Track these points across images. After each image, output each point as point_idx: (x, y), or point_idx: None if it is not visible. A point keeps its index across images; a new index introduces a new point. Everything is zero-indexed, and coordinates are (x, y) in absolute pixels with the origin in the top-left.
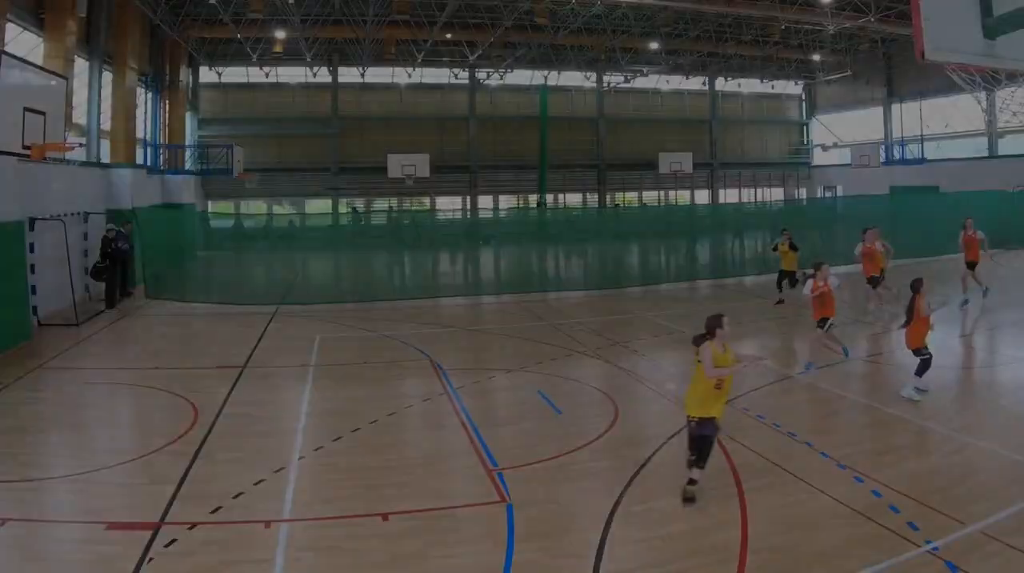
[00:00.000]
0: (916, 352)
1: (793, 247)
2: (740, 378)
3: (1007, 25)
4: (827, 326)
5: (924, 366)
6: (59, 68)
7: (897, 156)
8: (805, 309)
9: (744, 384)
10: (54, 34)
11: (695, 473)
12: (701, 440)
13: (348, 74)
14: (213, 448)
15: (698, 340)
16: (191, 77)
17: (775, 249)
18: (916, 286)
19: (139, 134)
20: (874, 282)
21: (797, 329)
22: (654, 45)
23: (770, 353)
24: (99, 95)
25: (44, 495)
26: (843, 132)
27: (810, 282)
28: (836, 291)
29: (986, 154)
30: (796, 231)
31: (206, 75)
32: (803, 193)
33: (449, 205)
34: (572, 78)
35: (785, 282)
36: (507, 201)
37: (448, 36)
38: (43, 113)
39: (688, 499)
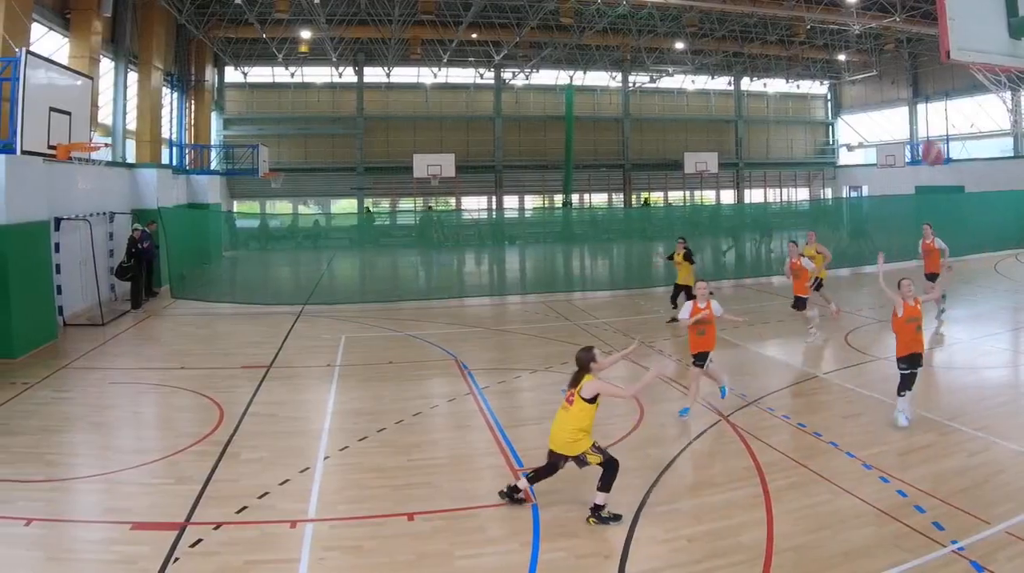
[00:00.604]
0: (898, 363)
1: (688, 258)
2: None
3: None
4: (707, 363)
5: (903, 383)
6: (84, 68)
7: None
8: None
9: (770, 385)
10: (79, 34)
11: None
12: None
13: (373, 74)
14: (238, 448)
15: (575, 380)
16: (216, 77)
17: (670, 258)
18: (897, 285)
19: (164, 134)
20: (801, 304)
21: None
22: (680, 45)
23: (800, 353)
24: (124, 95)
25: (69, 495)
26: (868, 132)
27: (688, 305)
28: (719, 319)
29: (1011, 154)
30: (821, 232)
31: (231, 75)
32: (828, 193)
33: (475, 205)
34: (598, 78)
35: (681, 297)
36: (532, 201)
37: (474, 36)
38: (69, 113)
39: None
